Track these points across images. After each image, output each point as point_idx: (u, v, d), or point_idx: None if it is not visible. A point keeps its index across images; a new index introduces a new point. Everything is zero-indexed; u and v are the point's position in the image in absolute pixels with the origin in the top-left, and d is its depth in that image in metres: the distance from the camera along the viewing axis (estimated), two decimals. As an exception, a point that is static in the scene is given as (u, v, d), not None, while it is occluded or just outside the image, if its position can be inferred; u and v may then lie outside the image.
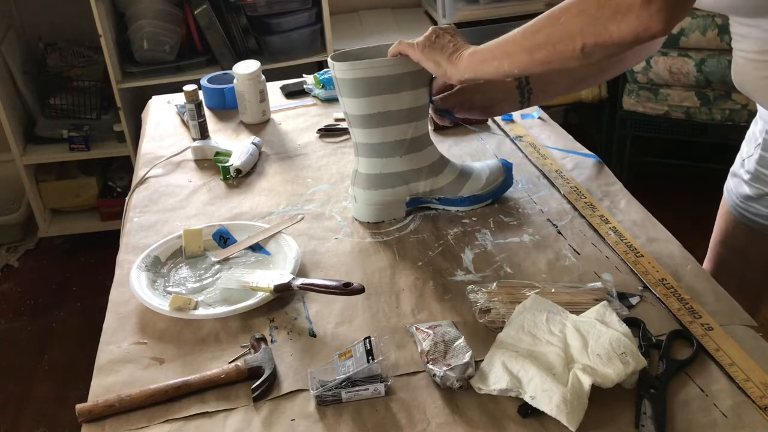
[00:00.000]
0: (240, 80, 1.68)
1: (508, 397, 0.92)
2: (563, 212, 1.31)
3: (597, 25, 0.95)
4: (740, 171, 1.32)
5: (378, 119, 1.23)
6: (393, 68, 1.19)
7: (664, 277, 1.12)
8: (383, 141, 1.25)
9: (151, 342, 1.07)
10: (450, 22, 2.85)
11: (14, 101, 2.79)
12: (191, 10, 2.64)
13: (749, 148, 1.29)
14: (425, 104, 1.25)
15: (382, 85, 1.20)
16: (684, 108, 2.70)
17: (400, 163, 1.27)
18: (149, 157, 1.61)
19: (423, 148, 1.28)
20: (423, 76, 1.22)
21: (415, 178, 1.29)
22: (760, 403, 0.90)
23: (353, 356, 0.96)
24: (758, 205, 1.28)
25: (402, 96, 1.21)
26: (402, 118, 1.23)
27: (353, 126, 1.26)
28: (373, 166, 1.28)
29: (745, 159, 1.30)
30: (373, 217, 1.32)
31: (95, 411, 0.95)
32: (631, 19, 0.92)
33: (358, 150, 1.28)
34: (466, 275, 1.17)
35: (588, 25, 0.96)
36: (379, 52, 1.25)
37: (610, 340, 0.95)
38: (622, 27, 0.93)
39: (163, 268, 1.23)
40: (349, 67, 1.19)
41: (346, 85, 1.21)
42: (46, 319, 2.69)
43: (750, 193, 1.29)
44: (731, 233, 1.37)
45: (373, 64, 1.19)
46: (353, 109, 1.23)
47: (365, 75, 1.19)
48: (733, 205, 1.34)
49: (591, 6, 0.96)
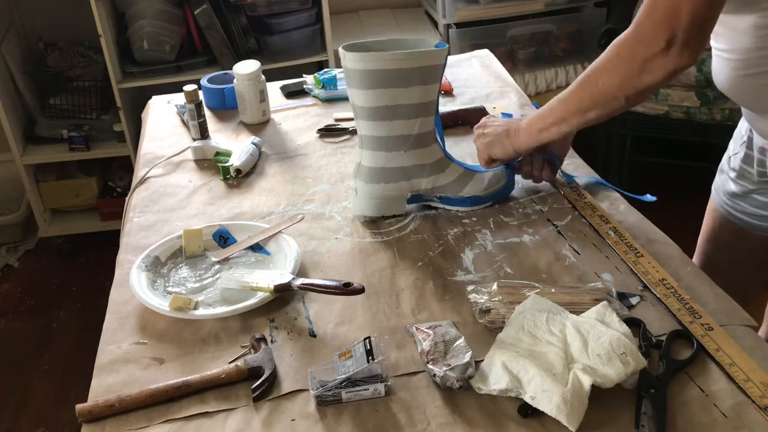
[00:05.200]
0: (240, 80, 1.68)
1: (508, 397, 0.92)
2: (563, 212, 1.31)
3: (632, 79, 1.06)
4: (726, 168, 1.32)
5: (385, 112, 1.23)
6: (403, 62, 1.19)
7: (664, 277, 1.12)
8: (389, 135, 1.25)
9: (151, 342, 1.07)
10: (450, 22, 2.86)
11: (14, 101, 2.79)
12: (191, 10, 2.64)
13: (735, 145, 1.30)
14: (433, 101, 1.25)
15: (391, 79, 1.20)
16: (684, 108, 2.70)
17: (404, 158, 1.27)
18: (149, 157, 1.61)
19: (428, 145, 1.28)
20: (433, 72, 1.22)
21: (418, 175, 1.29)
22: (760, 403, 0.90)
23: (353, 356, 0.96)
24: (743, 202, 1.29)
25: (410, 91, 1.21)
26: (409, 113, 1.24)
27: (360, 118, 1.26)
28: (377, 159, 1.28)
29: (731, 156, 1.31)
30: (374, 211, 1.31)
31: (95, 411, 0.95)
32: (659, 65, 1.02)
33: (363, 142, 1.28)
34: (466, 275, 1.17)
35: (625, 81, 1.07)
36: (391, 46, 1.25)
37: (610, 340, 0.95)
38: (655, 74, 1.03)
39: (163, 268, 1.23)
40: (360, 58, 1.20)
41: (355, 77, 1.21)
42: (46, 319, 2.69)
43: (735, 190, 1.29)
44: (717, 231, 1.37)
45: (383, 57, 1.19)
46: (361, 100, 1.23)
47: (375, 67, 1.19)
48: (720, 203, 1.34)
49: (621, 64, 1.07)
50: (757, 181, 1.25)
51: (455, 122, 1.63)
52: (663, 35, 1.00)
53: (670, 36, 0.99)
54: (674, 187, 3.05)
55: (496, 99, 1.75)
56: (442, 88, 1.78)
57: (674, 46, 0.99)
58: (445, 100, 1.76)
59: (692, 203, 1.66)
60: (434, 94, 1.25)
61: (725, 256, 1.36)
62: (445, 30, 2.88)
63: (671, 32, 0.99)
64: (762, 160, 1.21)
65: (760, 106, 1.15)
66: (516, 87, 1.81)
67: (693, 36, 0.99)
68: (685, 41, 0.99)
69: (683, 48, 0.99)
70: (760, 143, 1.21)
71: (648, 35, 1.02)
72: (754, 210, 1.27)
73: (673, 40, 0.99)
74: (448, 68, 1.92)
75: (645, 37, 1.03)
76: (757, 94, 1.13)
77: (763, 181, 1.23)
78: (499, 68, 1.93)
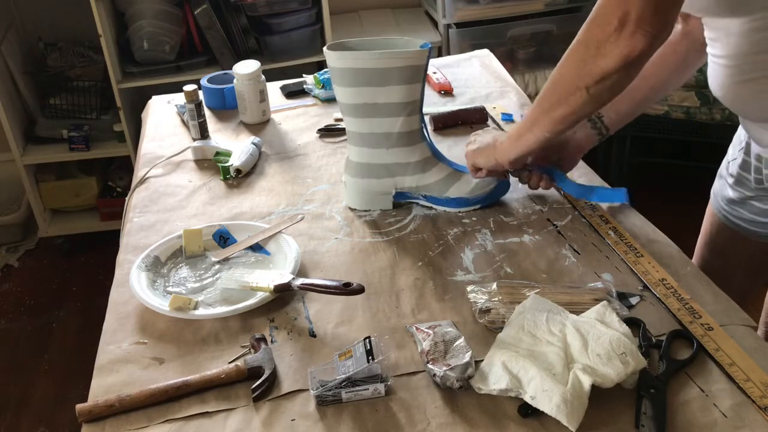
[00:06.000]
0: (240, 80, 1.68)
1: (508, 397, 0.92)
2: (563, 212, 1.31)
3: (588, 66, 1.03)
4: (725, 173, 1.32)
5: (366, 110, 1.26)
6: (379, 62, 1.21)
7: (664, 277, 1.12)
8: (371, 132, 1.28)
9: (151, 342, 1.07)
10: (450, 22, 2.86)
11: (14, 101, 2.79)
12: (191, 10, 2.64)
13: (734, 151, 1.29)
14: (414, 101, 1.26)
15: (369, 77, 1.23)
16: (684, 108, 2.70)
17: (386, 155, 1.30)
18: (149, 157, 1.61)
19: (411, 144, 1.29)
20: (411, 73, 1.23)
21: (401, 172, 1.31)
22: (760, 403, 0.90)
23: (353, 356, 0.96)
24: (741, 208, 1.28)
25: (390, 89, 1.23)
26: (390, 111, 1.26)
27: (344, 114, 1.30)
28: (361, 154, 1.31)
29: (729, 162, 1.30)
30: (361, 204, 1.35)
31: (95, 411, 0.95)
32: (612, 47, 0.99)
33: (349, 138, 1.32)
34: (466, 275, 1.17)
35: (581, 68, 1.04)
36: (377, 45, 1.27)
37: (610, 340, 0.95)
38: (608, 59, 1.00)
39: (163, 268, 1.23)
40: (339, 56, 1.23)
41: (337, 74, 1.26)
42: (46, 319, 2.69)
43: (733, 196, 1.28)
44: (715, 235, 1.37)
45: (361, 56, 1.22)
46: (343, 97, 1.27)
47: (354, 65, 1.23)
48: (718, 208, 1.34)
49: (579, 51, 1.04)
50: (755, 188, 1.24)
51: (455, 122, 1.63)
52: (616, 14, 0.97)
53: (622, 15, 0.96)
54: (674, 187, 3.06)
55: (496, 99, 1.75)
56: (442, 88, 1.79)
57: (627, 26, 0.96)
58: (445, 100, 1.76)
59: (692, 203, 1.66)
60: (417, 94, 1.26)
61: (722, 260, 1.36)
62: (445, 30, 2.88)
63: (624, 11, 0.96)
64: (759, 167, 1.20)
65: (756, 114, 1.14)
66: (516, 87, 1.81)
67: (647, 17, 0.95)
68: (637, 21, 0.96)
69: (636, 28, 0.96)
70: (756, 150, 1.20)
71: (602, 15, 1.00)
72: (751, 216, 1.27)
73: (625, 20, 0.96)
74: (449, 68, 1.92)
75: (599, 17, 1.00)
76: (752, 100, 1.11)
77: (761, 188, 1.22)
78: (499, 68, 1.93)
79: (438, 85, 1.80)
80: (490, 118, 1.66)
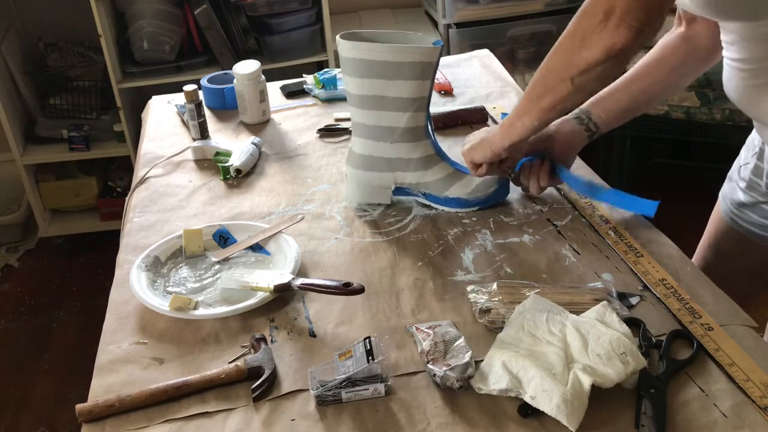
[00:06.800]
0: (240, 80, 1.68)
1: (508, 397, 0.92)
2: (563, 212, 1.31)
3: (574, 56, 1.05)
4: (736, 177, 1.31)
5: (373, 102, 1.26)
6: (392, 55, 1.22)
7: (664, 277, 1.12)
8: (377, 124, 1.29)
9: (151, 342, 1.07)
10: (450, 22, 2.85)
11: (14, 101, 2.79)
12: (191, 10, 2.64)
13: (747, 155, 1.28)
14: (422, 98, 1.26)
15: (380, 69, 1.23)
16: (684, 108, 2.70)
17: (389, 150, 1.30)
18: (149, 157, 1.61)
19: (415, 140, 1.30)
20: (422, 69, 1.23)
21: (403, 168, 1.31)
22: (760, 403, 0.90)
23: (353, 356, 0.96)
24: (751, 212, 1.28)
25: (399, 84, 1.24)
26: (397, 106, 1.26)
27: (351, 104, 1.31)
28: (364, 146, 1.32)
29: (741, 166, 1.29)
30: (360, 197, 1.35)
31: (95, 411, 0.95)
32: (596, 39, 1.01)
33: (354, 129, 1.33)
34: (466, 275, 1.17)
35: (567, 59, 1.06)
36: (390, 38, 1.27)
37: (610, 340, 0.95)
38: (592, 50, 1.02)
39: (163, 268, 1.23)
40: (353, 46, 1.23)
41: (348, 64, 1.26)
42: (46, 319, 2.69)
43: (744, 200, 1.28)
44: (721, 239, 1.36)
45: (375, 48, 1.22)
46: (352, 88, 1.28)
47: (366, 57, 1.23)
48: (727, 211, 1.33)
49: (565, 42, 1.07)
50: (766, 193, 1.23)
51: (455, 122, 1.63)
52: (603, 6, 0.99)
53: (608, 8, 0.98)
54: (674, 187, 3.06)
55: (496, 99, 1.75)
56: (442, 88, 1.79)
57: (611, 19, 0.98)
58: (445, 100, 1.76)
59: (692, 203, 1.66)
60: (425, 91, 1.26)
61: (726, 264, 1.35)
62: (445, 30, 2.88)
63: (610, 4, 0.98)
64: None
65: None
66: (516, 87, 1.81)
67: (632, 11, 0.97)
68: (622, 15, 0.97)
69: (620, 21, 0.98)
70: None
71: (589, 8, 1.02)
72: (761, 220, 1.26)
73: (610, 13, 0.98)
74: (449, 68, 1.92)
75: (587, 9, 1.03)
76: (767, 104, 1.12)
77: None
78: (499, 68, 1.93)
79: (438, 85, 1.80)
80: (490, 118, 1.65)
